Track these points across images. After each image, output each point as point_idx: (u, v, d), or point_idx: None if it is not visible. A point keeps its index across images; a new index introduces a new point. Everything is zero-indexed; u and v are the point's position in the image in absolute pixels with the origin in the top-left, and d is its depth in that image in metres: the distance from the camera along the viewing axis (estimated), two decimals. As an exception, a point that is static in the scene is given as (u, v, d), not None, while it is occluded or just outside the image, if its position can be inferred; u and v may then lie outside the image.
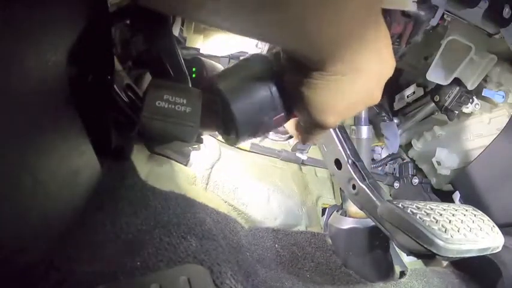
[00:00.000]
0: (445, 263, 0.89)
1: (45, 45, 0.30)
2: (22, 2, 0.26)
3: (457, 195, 0.93)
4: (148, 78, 0.60)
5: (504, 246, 0.59)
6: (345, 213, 0.81)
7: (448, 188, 0.99)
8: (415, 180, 1.03)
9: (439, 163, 0.97)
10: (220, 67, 0.68)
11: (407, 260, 0.90)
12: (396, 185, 1.08)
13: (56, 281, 0.39)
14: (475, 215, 0.59)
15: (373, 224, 0.75)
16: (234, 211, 0.73)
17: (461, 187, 0.92)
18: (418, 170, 1.10)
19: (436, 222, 0.53)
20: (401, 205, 0.56)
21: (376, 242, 0.77)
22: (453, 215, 0.56)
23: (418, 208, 0.55)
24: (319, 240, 0.76)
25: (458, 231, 0.52)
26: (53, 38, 0.32)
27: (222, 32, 0.75)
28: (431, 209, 0.55)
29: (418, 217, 0.53)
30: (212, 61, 0.68)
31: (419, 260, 0.92)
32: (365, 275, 0.72)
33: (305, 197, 0.92)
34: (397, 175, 1.10)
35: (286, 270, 0.68)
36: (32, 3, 0.27)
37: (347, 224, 0.78)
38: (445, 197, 0.99)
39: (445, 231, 0.51)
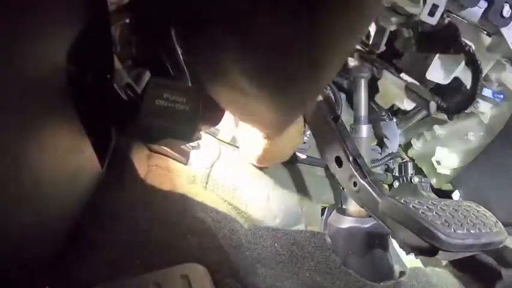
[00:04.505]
0: (444, 263, 0.89)
1: (44, 45, 0.30)
2: (21, 0, 0.26)
3: (456, 195, 0.94)
4: (148, 77, 0.60)
5: (504, 246, 0.59)
6: (345, 212, 0.81)
7: (448, 188, 0.99)
8: (415, 180, 1.03)
9: (438, 162, 0.97)
10: None
11: (407, 259, 0.90)
12: (396, 184, 1.08)
13: (55, 279, 0.39)
14: (477, 211, 0.59)
15: (373, 223, 0.75)
16: (233, 210, 0.73)
17: (461, 187, 0.92)
18: (418, 170, 1.10)
19: (439, 216, 0.52)
20: (404, 200, 0.55)
21: (376, 241, 0.77)
22: (456, 210, 0.55)
23: (420, 203, 0.54)
24: (318, 239, 0.75)
25: (461, 225, 0.52)
26: (52, 37, 0.32)
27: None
28: (434, 204, 0.55)
29: (420, 212, 0.52)
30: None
31: (419, 260, 0.92)
32: (364, 275, 0.72)
33: (305, 196, 0.92)
34: (397, 174, 1.10)
35: (286, 269, 0.67)
36: (31, 2, 0.27)
37: (347, 223, 0.77)
38: (445, 196, 0.99)
39: (448, 226, 0.50)
